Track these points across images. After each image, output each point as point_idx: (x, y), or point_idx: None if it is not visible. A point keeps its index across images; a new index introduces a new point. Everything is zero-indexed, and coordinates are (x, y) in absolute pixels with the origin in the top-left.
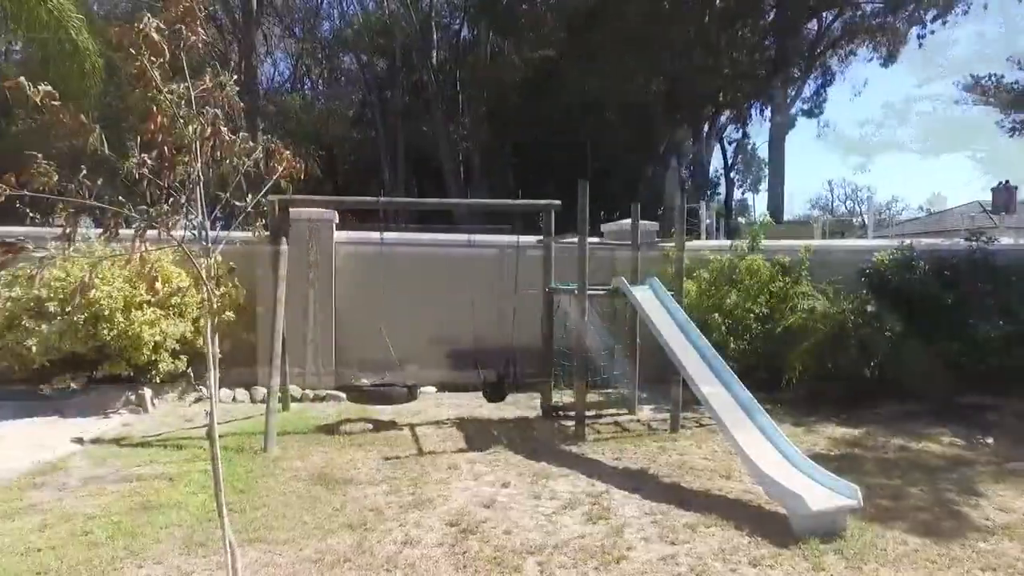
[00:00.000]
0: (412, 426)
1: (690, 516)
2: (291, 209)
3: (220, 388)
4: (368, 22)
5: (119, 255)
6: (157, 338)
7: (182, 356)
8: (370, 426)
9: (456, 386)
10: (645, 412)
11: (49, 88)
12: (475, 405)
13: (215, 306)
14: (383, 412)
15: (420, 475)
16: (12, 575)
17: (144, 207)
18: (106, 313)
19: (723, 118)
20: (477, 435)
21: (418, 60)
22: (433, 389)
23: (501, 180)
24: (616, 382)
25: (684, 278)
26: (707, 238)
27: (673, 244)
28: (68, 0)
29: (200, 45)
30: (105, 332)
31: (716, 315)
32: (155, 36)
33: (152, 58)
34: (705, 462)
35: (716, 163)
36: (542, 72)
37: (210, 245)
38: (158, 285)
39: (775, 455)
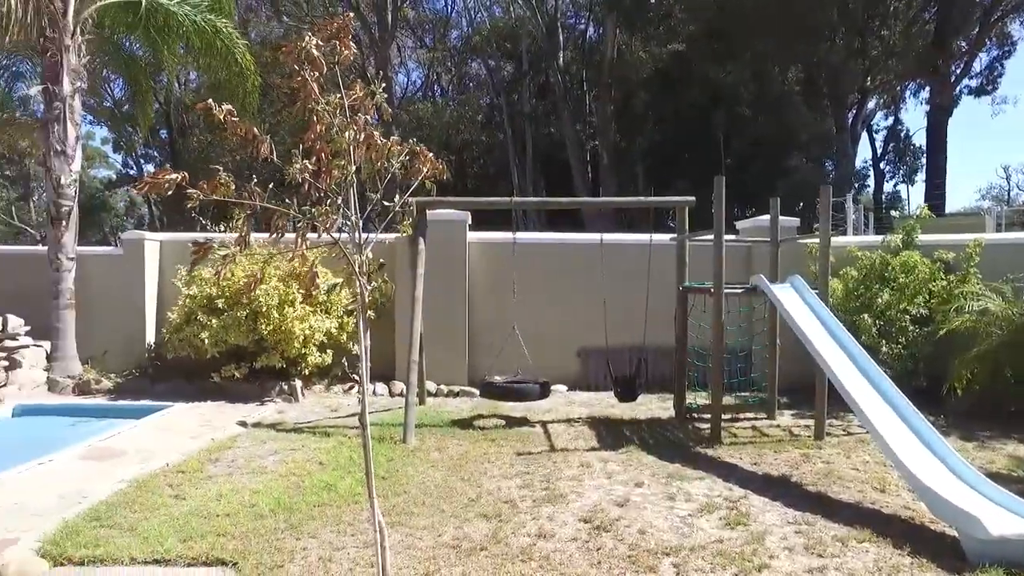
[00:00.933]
0: (544, 423)
1: (839, 528)
2: (428, 211)
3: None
4: (495, 27)
5: (280, 254)
6: (306, 332)
7: (328, 350)
8: (502, 422)
9: (587, 385)
10: (786, 417)
11: (230, 107)
12: (606, 404)
13: (367, 300)
14: (515, 409)
15: (552, 471)
16: (200, 533)
17: (307, 208)
18: (264, 310)
19: (871, 104)
20: (609, 434)
21: (545, 62)
22: (564, 388)
23: (630, 178)
24: (754, 385)
25: (829, 276)
26: (854, 234)
27: (815, 240)
28: (235, 30)
29: (350, 58)
30: (263, 327)
31: (865, 316)
32: (315, 52)
33: (312, 72)
34: (855, 472)
35: (864, 153)
36: (671, 67)
37: (362, 243)
38: (318, 282)
39: (941, 469)
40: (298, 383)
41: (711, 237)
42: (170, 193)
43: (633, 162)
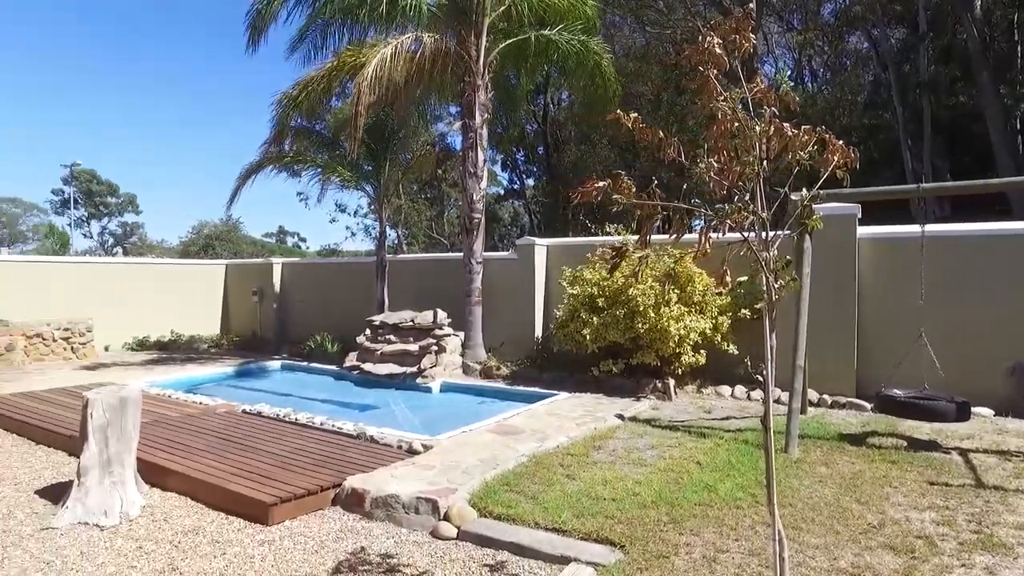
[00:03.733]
0: (963, 451)
1: None
2: (812, 204)
3: (735, 385)
4: None
5: (657, 255)
6: (681, 332)
7: (701, 351)
8: (903, 443)
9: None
10: None
11: (636, 115)
12: None
13: (774, 298)
14: (919, 429)
15: (984, 512)
16: (590, 512)
17: (721, 207)
18: (640, 309)
19: None
20: None
21: (953, 15)
22: (988, 411)
23: None
24: None
25: None
26: None
27: None
28: (600, 46)
29: (751, 51)
30: (639, 326)
31: None
32: (717, 50)
33: (713, 69)
34: None
35: None
36: None
37: (769, 239)
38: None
39: None
40: (671, 381)
41: None
42: (575, 202)
43: None
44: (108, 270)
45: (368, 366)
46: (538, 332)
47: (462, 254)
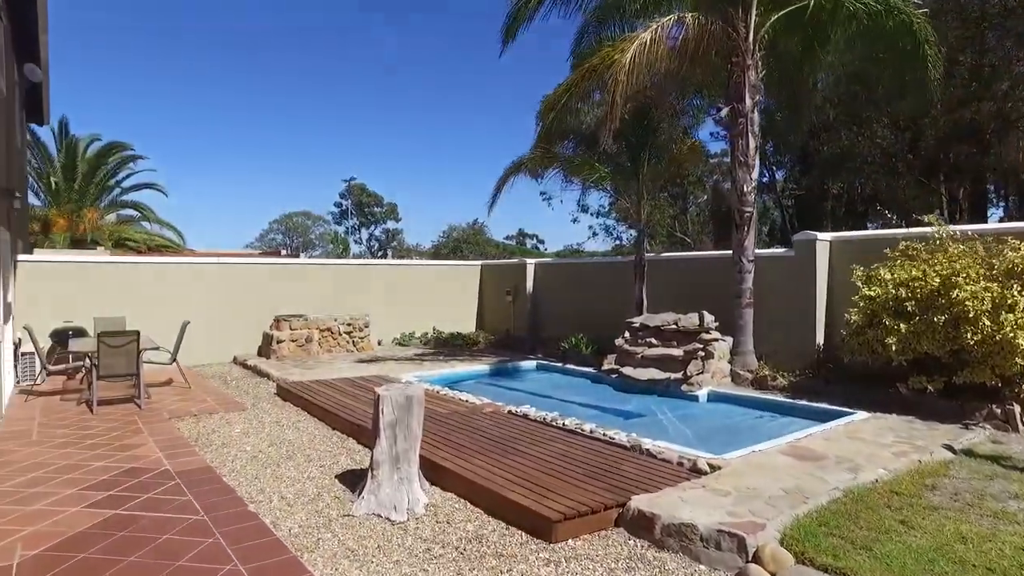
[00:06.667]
0: None
1: None
2: None
3: None
4: None
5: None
6: None
7: None
8: None
9: None
10: None
11: None
12: None
13: None
14: None
15: None
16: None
17: None
18: (970, 315)
19: None
20: None
21: None
22: None
23: None
24: None
25: None
26: None
27: None
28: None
29: None
30: (967, 336)
31: None
32: None
33: None
34: None
35: None
36: None
37: None
38: None
39: None
40: (1016, 408)
41: None
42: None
43: None
44: (380, 272)
45: (628, 370)
46: (819, 339)
47: (731, 252)
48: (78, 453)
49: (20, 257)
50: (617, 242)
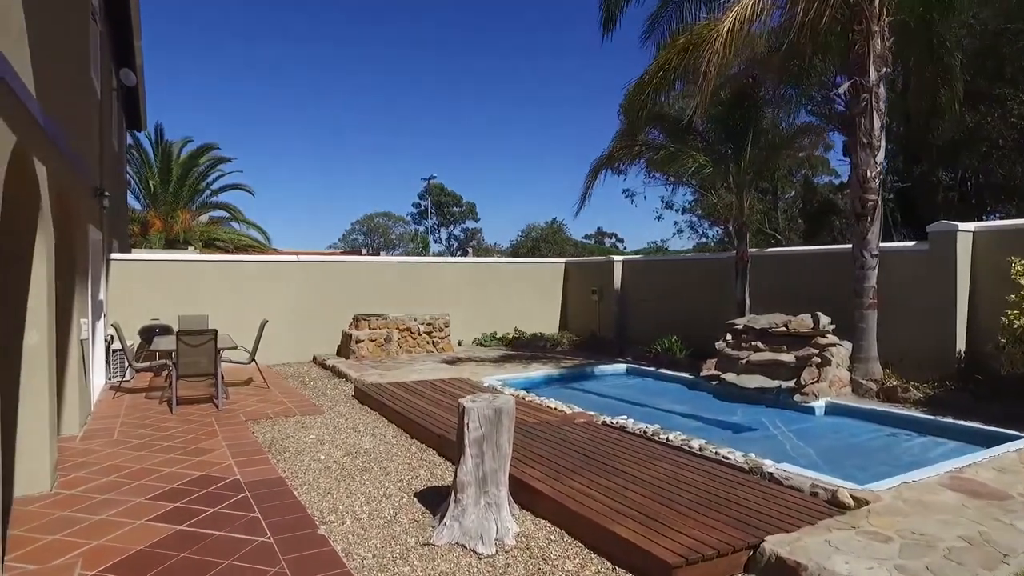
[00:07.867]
0: None
1: None
2: None
3: None
4: None
5: None
6: None
7: None
8: None
9: None
10: None
11: None
12: None
13: None
14: None
15: None
16: None
17: None
18: None
19: None
20: None
21: None
22: None
23: None
24: None
25: None
26: None
27: None
28: None
29: None
30: None
31: None
32: None
33: None
34: None
35: None
36: None
37: None
38: None
39: None
40: None
41: None
42: None
43: None
44: (459, 269)
45: (730, 377)
46: (960, 345)
47: (848, 246)
48: (152, 456)
49: (113, 256)
50: (703, 239)
